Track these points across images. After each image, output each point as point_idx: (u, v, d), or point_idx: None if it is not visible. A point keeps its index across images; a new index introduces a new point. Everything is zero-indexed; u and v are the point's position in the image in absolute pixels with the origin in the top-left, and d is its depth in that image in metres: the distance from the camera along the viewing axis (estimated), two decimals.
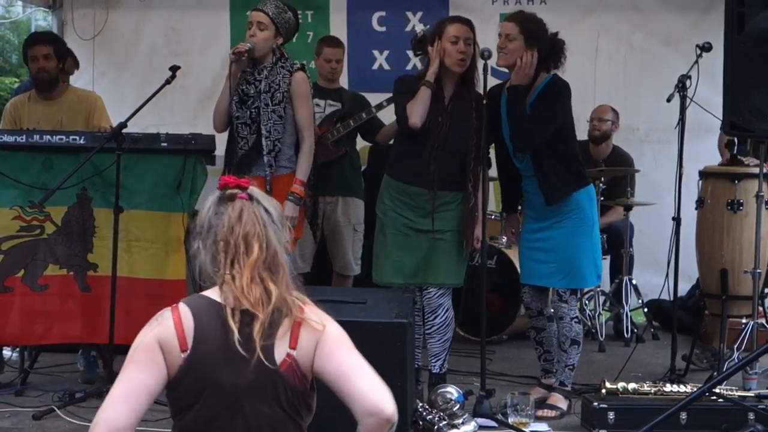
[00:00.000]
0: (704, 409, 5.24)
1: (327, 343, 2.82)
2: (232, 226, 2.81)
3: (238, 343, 2.71)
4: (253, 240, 2.81)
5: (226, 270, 2.79)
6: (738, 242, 6.24)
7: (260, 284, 2.78)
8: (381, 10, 8.72)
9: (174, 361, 2.75)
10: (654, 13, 8.60)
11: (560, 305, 5.83)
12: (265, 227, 2.84)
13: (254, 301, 2.75)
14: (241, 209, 2.84)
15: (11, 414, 5.67)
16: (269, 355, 2.75)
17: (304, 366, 2.80)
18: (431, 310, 5.87)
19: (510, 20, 5.75)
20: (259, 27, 5.91)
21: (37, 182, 6.12)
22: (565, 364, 5.85)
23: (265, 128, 5.90)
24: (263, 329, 2.74)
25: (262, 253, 2.80)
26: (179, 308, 2.80)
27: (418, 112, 5.70)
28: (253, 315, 2.75)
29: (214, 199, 2.89)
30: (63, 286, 6.21)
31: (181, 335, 2.75)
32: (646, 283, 8.02)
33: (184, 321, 2.77)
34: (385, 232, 5.88)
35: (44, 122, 6.58)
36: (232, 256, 2.80)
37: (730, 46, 5.16)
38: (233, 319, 2.74)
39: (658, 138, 8.47)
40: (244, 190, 2.87)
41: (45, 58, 6.61)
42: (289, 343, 2.79)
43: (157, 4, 8.79)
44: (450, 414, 5.26)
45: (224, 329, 2.74)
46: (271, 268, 2.82)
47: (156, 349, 2.75)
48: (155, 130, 6.45)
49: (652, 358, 7.09)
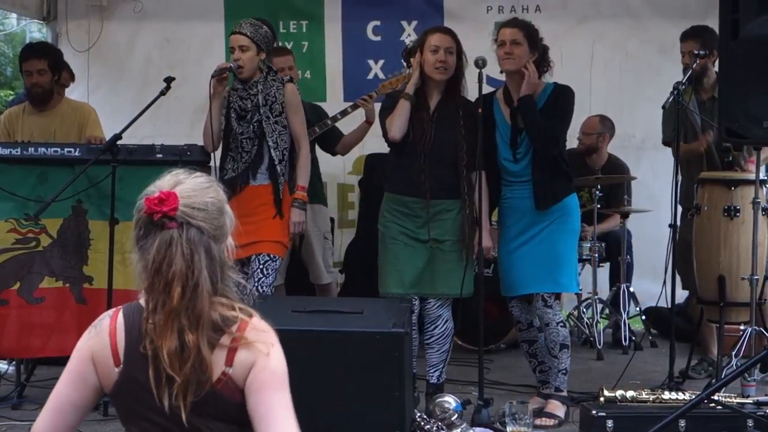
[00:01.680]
0: (703, 416, 5.22)
1: (260, 373, 2.64)
2: (157, 267, 2.60)
3: (157, 400, 2.60)
4: (175, 285, 2.59)
5: (150, 317, 2.61)
6: (735, 249, 6.22)
7: (177, 338, 2.59)
8: (376, 19, 8.72)
9: (108, 374, 2.67)
10: (649, 20, 8.60)
11: (545, 311, 5.83)
12: (192, 259, 2.60)
13: (170, 358, 2.58)
14: (169, 243, 2.60)
15: (8, 428, 5.66)
16: (205, 379, 2.62)
17: (240, 383, 2.66)
18: (431, 320, 5.87)
19: (512, 26, 5.83)
20: (241, 50, 6.02)
21: (33, 195, 6.11)
22: (558, 369, 5.84)
23: (271, 140, 6.01)
24: (182, 391, 2.59)
25: (183, 297, 2.59)
26: (117, 319, 2.69)
27: (397, 125, 5.78)
28: (171, 375, 2.59)
29: (143, 220, 2.66)
30: (59, 299, 6.20)
31: (114, 349, 2.66)
32: (644, 291, 8.00)
33: (118, 334, 2.66)
34: (386, 243, 5.90)
35: (38, 134, 6.59)
36: (155, 302, 2.61)
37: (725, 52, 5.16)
38: (154, 368, 2.60)
39: (654, 145, 8.43)
40: (172, 219, 2.61)
41: (39, 73, 6.62)
42: (225, 362, 2.64)
43: (152, 15, 8.78)
44: (448, 423, 5.26)
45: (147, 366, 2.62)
46: (191, 309, 2.60)
47: (87, 363, 2.69)
48: (150, 141, 6.44)
49: (650, 366, 7.08)
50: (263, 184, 6.04)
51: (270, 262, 5.97)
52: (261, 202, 6.01)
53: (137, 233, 2.69)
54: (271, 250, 5.98)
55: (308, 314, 5.09)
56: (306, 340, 4.80)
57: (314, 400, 2.84)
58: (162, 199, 2.64)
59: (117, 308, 2.75)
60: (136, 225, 2.70)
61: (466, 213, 5.80)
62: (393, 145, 5.90)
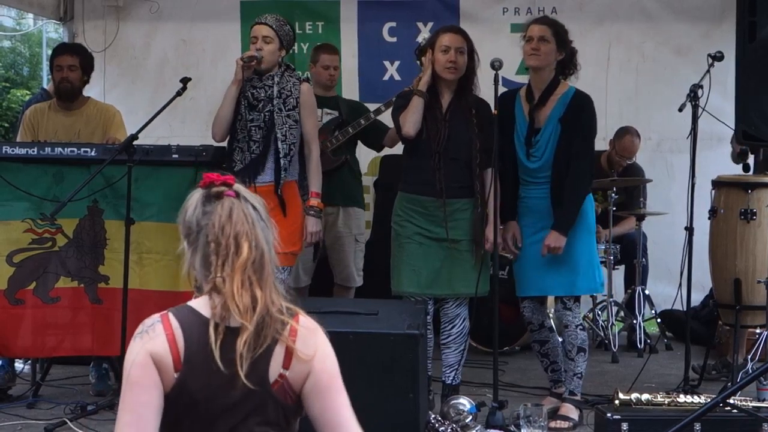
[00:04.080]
0: (718, 420, 5.20)
1: (320, 377, 2.71)
2: (222, 225, 2.69)
3: (222, 359, 2.62)
4: (243, 240, 2.69)
5: (218, 273, 2.67)
6: (751, 252, 6.21)
7: (248, 290, 2.67)
8: (391, 20, 8.72)
9: (168, 379, 2.65)
10: (665, 22, 8.58)
11: (565, 313, 5.82)
12: (254, 225, 2.73)
13: (243, 308, 2.64)
14: (231, 207, 2.72)
15: (23, 426, 5.68)
16: (262, 373, 2.67)
17: (296, 385, 2.71)
18: (448, 320, 5.87)
19: (541, 23, 5.83)
20: (264, 41, 5.92)
21: (49, 195, 6.13)
22: (573, 373, 5.83)
23: (280, 132, 5.90)
24: (249, 341, 2.64)
25: (251, 253, 2.69)
26: (170, 322, 2.68)
27: (411, 121, 5.75)
28: (238, 330, 2.64)
29: (200, 198, 2.78)
30: (74, 299, 6.22)
31: (176, 354, 2.65)
32: (659, 294, 8.00)
33: (177, 338, 2.66)
34: (400, 242, 5.88)
35: (62, 132, 6.61)
36: (224, 257, 2.68)
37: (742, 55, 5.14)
38: (215, 336, 2.63)
39: (670, 148, 8.45)
40: (231, 187, 2.76)
41: (70, 68, 6.65)
42: (282, 363, 2.68)
43: (168, 15, 8.80)
44: (462, 426, 5.26)
45: (209, 345, 2.64)
46: (258, 270, 2.71)
47: (151, 367, 2.64)
48: (166, 141, 6.45)
49: (665, 369, 7.07)
50: (269, 183, 5.89)
51: (278, 274, 5.88)
52: (269, 207, 5.86)
53: (191, 213, 2.77)
54: (281, 263, 5.86)
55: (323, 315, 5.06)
56: None
57: None
58: (219, 174, 2.79)
59: (163, 313, 2.72)
60: (189, 207, 2.79)
61: (478, 212, 5.80)
62: (407, 143, 5.89)
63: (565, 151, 5.71)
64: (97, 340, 6.23)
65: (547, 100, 5.79)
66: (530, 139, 5.80)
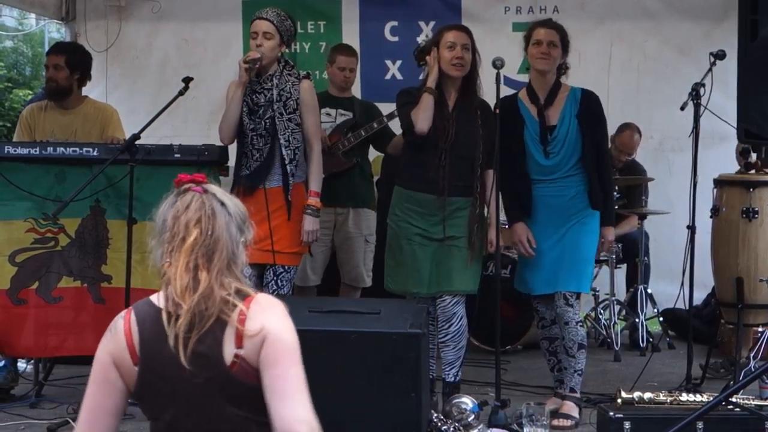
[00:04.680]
0: (721, 418, 5.19)
1: (272, 347, 2.70)
2: (178, 216, 2.75)
3: (172, 343, 2.68)
4: (193, 225, 2.73)
5: (166, 258, 2.75)
6: (753, 250, 6.20)
7: (191, 271, 2.71)
8: (393, 19, 8.72)
9: (129, 374, 2.75)
10: (667, 21, 8.58)
11: (567, 309, 5.82)
12: (213, 215, 2.75)
13: (181, 288, 2.69)
14: (191, 200, 2.77)
15: (26, 426, 5.68)
16: (215, 357, 2.69)
17: (254, 361, 2.71)
18: (446, 318, 5.86)
19: (549, 27, 5.88)
20: (265, 36, 5.82)
21: (51, 194, 6.13)
22: (575, 370, 5.83)
23: (283, 138, 5.84)
24: (189, 321, 2.67)
25: (200, 237, 2.72)
26: (129, 318, 2.79)
27: (424, 118, 5.73)
28: (179, 305, 2.70)
29: (170, 196, 2.84)
30: (77, 298, 6.22)
31: (132, 348, 2.74)
32: (662, 292, 8.00)
33: (133, 332, 2.76)
34: (399, 242, 5.88)
35: (59, 132, 6.61)
36: (174, 244, 2.74)
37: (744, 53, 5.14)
38: (168, 320, 2.71)
39: (672, 146, 8.45)
40: (199, 183, 2.81)
41: (55, 68, 6.64)
42: (235, 344, 2.70)
43: (170, 15, 8.80)
44: (465, 424, 5.26)
45: (164, 335, 2.71)
46: (207, 255, 2.73)
47: (110, 366, 2.77)
48: (168, 141, 6.46)
49: (667, 368, 7.06)
50: (277, 187, 5.86)
51: (284, 273, 5.87)
52: (276, 206, 5.82)
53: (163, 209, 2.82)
54: (286, 262, 5.87)
55: (325, 314, 5.09)
56: (323, 340, 4.81)
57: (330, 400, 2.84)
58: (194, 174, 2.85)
59: (128, 308, 2.84)
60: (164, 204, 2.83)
61: (475, 211, 5.81)
62: (413, 140, 5.84)
63: (591, 145, 5.83)
64: (99, 339, 6.16)
65: (554, 100, 5.85)
66: (545, 137, 5.81)
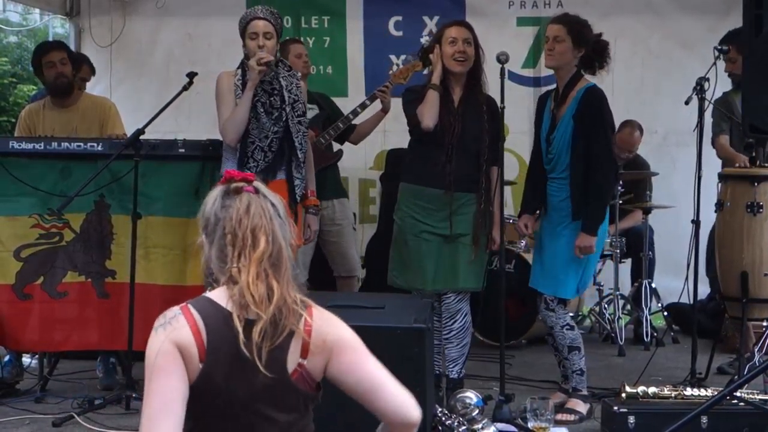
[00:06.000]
0: (725, 413, 5.20)
1: (345, 354, 2.80)
2: (240, 218, 2.76)
3: (245, 348, 2.68)
4: (260, 233, 2.76)
5: (234, 263, 2.75)
6: (758, 245, 6.19)
7: (264, 281, 2.73)
8: (397, 15, 8.72)
9: (193, 369, 2.70)
10: (671, 16, 8.58)
11: (547, 314, 5.78)
12: (272, 221, 2.80)
13: (258, 298, 2.71)
14: (249, 202, 2.79)
15: (31, 421, 5.69)
16: (280, 363, 2.73)
17: (315, 373, 2.79)
18: (450, 315, 5.87)
19: (557, 22, 5.80)
20: (266, 37, 5.82)
21: (56, 190, 6.14)
22: (572, 371, 5.82)
23: (296, 140, 5.86)
24: (265, 330, 2.70)
25: (268, 246, 2.76)
26: (192, 314, 2.73)
27: (430, 114, 5.75)
28: (255, 320, 2.70)
29: (220, 192, 2.84)
30: (81, 293, 6.23)
31: (200, 344, 2.69)
32: (666, 287, 7.99)
33: (200, 328, 2.71)
34: (405, 238, 5.90)
35: (59, 129, 6.61)
36: (240, 249, 2.75)
37: (748, 48, 5.14)
38: (239, 318, 2.71)
39: (676, 141, 8.44)
40: (250, 183, 2.83)
41: (61, 62, 6.65)
42: (300, 353, 2.76)
43: (174, 10, 8.81)
44: (469, 419, 5.25)
45: (232, 337, 2.69)
46: (275, 264, 2.77)
47: (177, 354, 2.68)
48: (173, 136, 6.46)
49: (672, 362, 7.06)
50: (280, 179, 5.86)
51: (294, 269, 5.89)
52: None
53: (210, 207, 2.83)
54: None
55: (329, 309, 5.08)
56: None
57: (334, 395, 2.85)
58: (240, 172, 2.94)
59: (183, 305, 2.77)
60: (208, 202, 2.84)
61: (481, 207, 5.81)
62: (418, 136, 5.86)
63: (579, 148, 5.68)
64: (104, 334, 6.24)
65: (567, 98, 5.78)
66: (549, 137, 5.81)
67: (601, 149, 5.68)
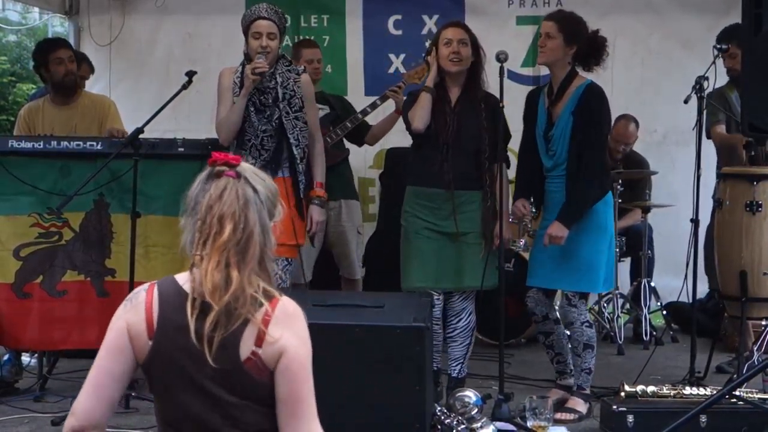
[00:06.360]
0: (724, 412, 5.21)
1: (290, 363, 2.74)
2: (211, 205, 2.75)
3: (194, 337, 2.69)
4: (227, 221, 2.72)
5: (198, 250, 2.75)
6: (757, 244, 6.20)
7: (223, 270, 2.71)
8: (397, 13, 8.72)
9: (142, 346, 2.76)
10: (671, 15, 8.58)
11: (570, 309, 5.80)
12: (246, 206, 2.75)
13: (212, 287, 2.69)
14: (225, 187, 2.76)
15: (30, 420, 5.69)
16: (233, 350, 2.71)
17: (269, 363, 2.74)
18: (455, 314, 5.89)
19: (549, 19, 5.83)
20: (269, 37, 5.81)
21: (55, 189, 6.14)
22: (581, 369, 5.82)
23: (292, 137, 5.82)
24: (217, 320, 2.69)
25: (234, 235, 2.72)
26: (152, 292, 2.79)
27: (420, 116, 5.79)
28: (210, 305, 2.70)
29: (203, 176, 2.83)
30: (81, 292, 6.24)
31: (150, 321, 2.75)
32: (665, 286, 7.99)
33: (154, 308, 2.76)
34: (408, 237, 5.91)
35: (58, 127, 6.61)
36: (206, 236, 2.74)
37: (748, 47, 5.14)
38: (192, 310, 2.71)
39: (675, 140, 8.44)
40: (233, 167, 2.79)
41: (70, 60, 6.68)
42: (254, 342, 2.72)
43: (174, 9, 8.80)
44: (468, 418, 5.26)
45: (185, 321, 2.71)
46: (241, 251, 2.73)
47: (124, 334, 2.78)
48: (172, 135, 6.45)
49: (671, 361, 7.07)
50: (283, 177, 5.82)
51: (288, 266, 5.86)
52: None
53: (193, 190, 2.82)
54: (289, 254, 5.85)
55: (329, 308, 5.09)
56: (326, 334, 4.79)
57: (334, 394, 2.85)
58: (227, 155, 2.84)
59: (152, 282, 2.83)
60: (193, 185, 2.83)
61: (487, 205, 5.81)
62: (416, 137, 5.91)
63: (577, 144, 5.70)
64: (103, 333, 6.18)
65: (563, 95, 5.79)
66: (547, 134, 5.81)
67: (593, 143, 5.70)
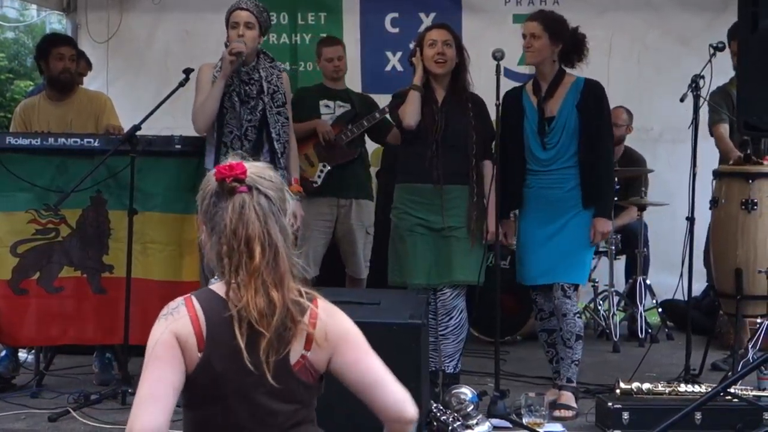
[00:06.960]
0: (719, 409, 5.22)
1: (348, 350, 2.83)
2: (234, 228, 2.72)
3: (249, 362, 2.69)
4: (255, 244, 2.72)
5: (232, 278, 2.73)
6: (752, 242, 6.20)
7: (264, 295, 2.71)
8: (394, 11, 8.73)
9: (191, 358, 2.73)
10: (668, 12, 8.59)
11: (564, 301, 5.82)
12: (266, 222, 2.75)
13: (258, 314, 2.70)
14: (242, 206, 2.74)
15: (27, 416, 5.69)
16: (285, 362, 2.75)
17: (319, 365, 2.81)
18: (446, 311, 5.89)
19: (533, 19, 5.88)
20: (247, 26, 5.88)
21: (52, 185, 6.15)
22: (572, 360, 5.84)
23: (274, 131, 5.92)
24: (270, 347, 2.71)
25: (264, 256, 2.72)
26: (193, 304, 2.76)
27: (410, 112, 5.86)
28: (260, 332, 2.71)
29: (213, 190, 2.79)
30: (77, 289, 6.25)
31: (199, 334, 2.72)
32: (661, 284, 8.01)
33: (200, 319, 2.74)
34: (401, 234, 5.94)
35: (54, 124, 6.62)
36: (237, 263, 2.72)
37: (744, 45, 5.15)
38: (241, 334, 2.70)
39: (672, 138, 8.45)
40: (242, 182, 2.76)
41: (71, 59, 6.68)
42: (304, 345, 2.77)
43: (171, 6, 8.81)
44: (464, 415, 5.26)
45: (233, 335, 2.71)
46: (273, 268, 2.74)
47: (175, 345, 2.72)
48: (169, 132, 6.46)
49: (666, 359, 7.08)
50: None
51: None
52: None
53: (207, 205, 2.81)
54: None
55: None
56: None
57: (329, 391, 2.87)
58: (231, 166, 2.78)
59: (186, 296, 2.80)
60: (205, 198, 2.82)
61: (474, 201, 5.84)
62: (405, 136, 5.98)
63: (589, 136, 5.80)
64: (100, 329, 6.26)
65: (555, 91, 5.85)
66: (543, 128, 5.83)
67: (607, 135, 5.93)
